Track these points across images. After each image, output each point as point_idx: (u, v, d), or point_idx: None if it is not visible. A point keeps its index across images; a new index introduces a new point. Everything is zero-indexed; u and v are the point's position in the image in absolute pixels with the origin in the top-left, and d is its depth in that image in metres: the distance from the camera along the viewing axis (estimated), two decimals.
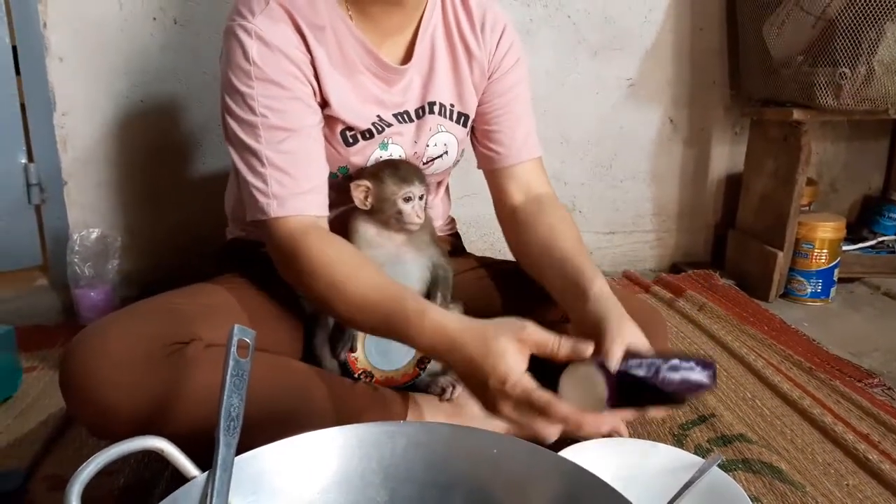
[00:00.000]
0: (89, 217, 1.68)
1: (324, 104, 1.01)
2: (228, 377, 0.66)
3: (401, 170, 1.04)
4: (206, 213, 1.70)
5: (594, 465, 0.67)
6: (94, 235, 1.58)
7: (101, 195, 1.69)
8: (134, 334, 0.85)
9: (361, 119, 1.04)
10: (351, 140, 1.04)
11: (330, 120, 1.02)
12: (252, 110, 0.94)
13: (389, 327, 0.86)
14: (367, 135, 1.05)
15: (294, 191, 0.94)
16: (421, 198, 1.05)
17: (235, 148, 0.97)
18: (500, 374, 0.76)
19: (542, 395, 0.75)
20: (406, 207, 1.03)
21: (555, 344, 0.78)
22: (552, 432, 0.77)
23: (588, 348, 0.78)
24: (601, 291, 0.93)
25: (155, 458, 1.04)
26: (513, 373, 0.76)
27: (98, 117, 1.66)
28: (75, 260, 1.55)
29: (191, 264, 1.67)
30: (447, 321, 0.82)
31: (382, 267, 1.04)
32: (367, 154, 1.06)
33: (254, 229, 1.04)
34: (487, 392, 0.78)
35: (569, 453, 0.93)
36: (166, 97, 1.68)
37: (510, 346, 0.77)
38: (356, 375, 1.03)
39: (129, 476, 1.00)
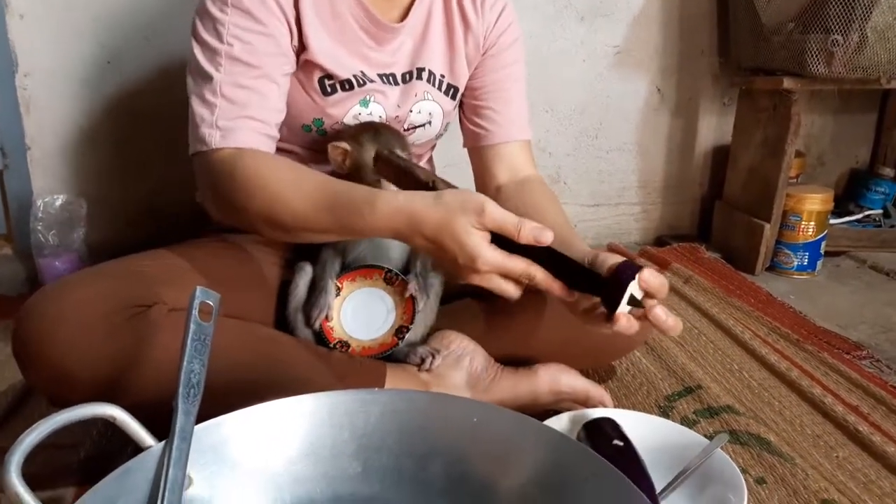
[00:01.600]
0: (54, 183, 1.61)
1: (302, 48, 0.96)
2: (189, 341, 0.62)
3: (382, 135, 0.98)
4: (177, 181, 1.63)
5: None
6: (58, 202, 1.51)
7: (67, 161, 1.62)
8: (92, 295, 0.80)
9: (342, 68, 0.98)
10: (329, 89, 0.99)
11: (308, 65, 0.97)
12: (219, 36, 0.90)
13: (342, 224, 0.81)
14: (347, 85, 0.99)
15: (242, 126, 0.89)
16: None
17: (192, 75, 0.92)
18: (469, 254, 0.73)
19: (517, 262, 0.74)
20: None
21: (515, 227, 0.73)
22: (517, 291, 0.77)
23: (549, 234, 0.73)
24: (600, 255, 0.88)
25: (118, 431, 1.00)
26: (481, 252, 0.73)
27: (63, 79, 1.58)
28: (39, 227, 1.49)
29: (162, 234, 1.60)
30: (400, 202, 0.77)
31: None
32: (346, 108, 1.01)
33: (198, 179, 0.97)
34: (458, 268, 0.76)
35: (554, 423, 0.90)
36: (136, 58, 1.60)
37: (470, 227, 0.73)
38: (331, 345, 0.98)
39: (91, 449, 0.95)
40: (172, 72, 1.62)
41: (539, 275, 0.74)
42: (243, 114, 0.89)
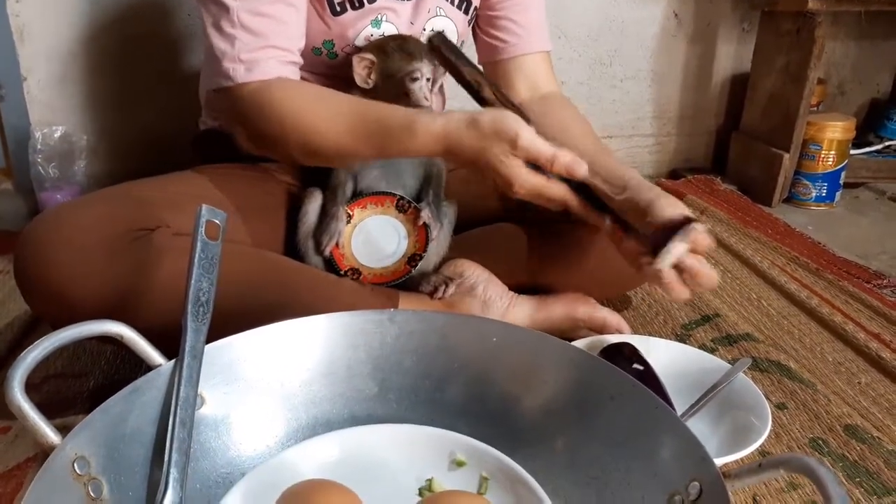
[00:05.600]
0: (52, 115, 1.56)
1: None
2: (196, 259, 0.59)
3: (409, 44, 0.95)
4: (179, 109, 1.58)
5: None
6: (57, 134, 1.47)
7: (65, 91, 1.57)
8: (92, 218, 0.77)
9: None
10: (339, 8, 0.94)
11: None
12: None
13: (381, 150, 0.83)
14: (357, 3, 0.94)
15: (265, 56, 0.85)
16: (429, 80, 0.96)
17: (205, 4, 0.87)
18: (505, 181, 0.76)
19: (555, 188, 0.76)
20: (413, 87, 0.94)
21: (548, 159, 0.73)
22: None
23: (583, 167, 0.73)
24: (638, 179, 0.86)
25: (128, 360, 0.99)
26: (517, 178, 0.75)
27: (56, 5, 1.51)
28: (38, 160, 1.45)
29: (164, 163, 1.56)
30: (438, 128, 0.77)
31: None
32: (357, 29, 0.96)
33: (225, 114, 0.95)
34: (497, 187, 0.76)
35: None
36: None
37: (504, 156, 0.75)
38: (342, 272, 0.96)
39: (100, 378, 0.94)
40: None
41: (575, 203, 0.76)
42: (265, 44, 0.85)
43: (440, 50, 0.81)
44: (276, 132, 0.85)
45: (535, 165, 0.75)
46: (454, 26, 1.04)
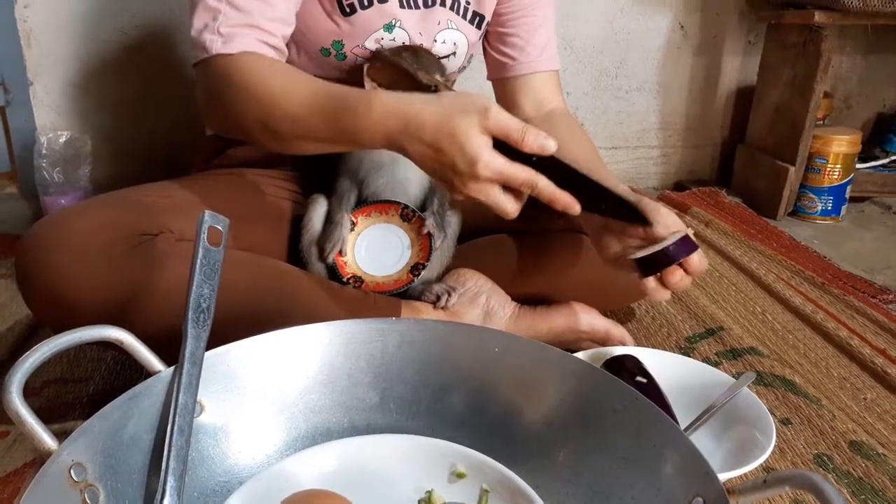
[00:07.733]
0: (57, 120, 1.57)
1: None
2: (198, 265, 0.59)
3: (422, 57, 0.94)
4: (185, 115, 1.59)
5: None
6: (62, 139, 1.47)
7: (71, 96, 1.57)
8: (94, 223, 0.76)
9: None
10: (348, 9, 0.93)
11: None
12: None
13: (337, 126, 0.75)
14: (367, 3, 0.94)
15: (244, 33, 0.82)
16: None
17: None
18: (469, 158, 0.67)
19: (520, 169, 0.68)
20: None
21: (520, 132, 0.68)
22: (516, 208, 0.71)
23: (552, 143, 0.69)
24: (627, 191, 0.84)
25: (129, 366, 0.98)
26: (482, 155, 0.67)
27: (64, 10, 1.52)
28: (43, 164, 1.45)
29: (169, 170, 1.57)
30: (397, 101, 0.71)
31: (381, 169, 0.96)
32: (367, 31, 0.95)
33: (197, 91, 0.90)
34: (456, 176, 0.69)
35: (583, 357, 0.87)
36: None
37: (472, 129, 0.67)
38: (345, 280, 0.96)
39: (101, 384, 0.93)
40: (177, 2, 1.56)
41: (542, 183, 0.69)
42: (247, 21, 0.83)
43: (390, 63, 0.77)
44: (237, 103, 0.81)
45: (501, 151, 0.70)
46: (465, 39, 1.04)
